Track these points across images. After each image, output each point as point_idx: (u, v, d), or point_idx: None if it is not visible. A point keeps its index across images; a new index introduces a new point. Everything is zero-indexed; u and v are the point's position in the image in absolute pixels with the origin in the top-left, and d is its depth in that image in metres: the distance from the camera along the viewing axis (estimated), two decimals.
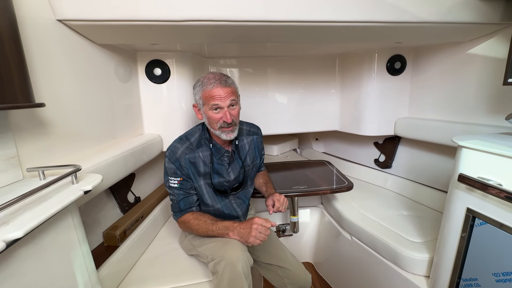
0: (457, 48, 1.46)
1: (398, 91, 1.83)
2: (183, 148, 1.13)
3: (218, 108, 1.06)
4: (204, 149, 1.16)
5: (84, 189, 0.75)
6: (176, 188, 1.13)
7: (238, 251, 0.99)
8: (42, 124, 0.89)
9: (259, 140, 1.35)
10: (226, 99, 1.05)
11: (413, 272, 1.17)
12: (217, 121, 1.07)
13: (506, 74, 0.96)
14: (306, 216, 1.89)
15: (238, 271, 0.95)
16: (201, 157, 1.14)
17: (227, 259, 0.97)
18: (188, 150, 1.13)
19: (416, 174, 1.79)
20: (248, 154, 1.28)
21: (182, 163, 1.11)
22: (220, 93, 1.04)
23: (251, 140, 1.29)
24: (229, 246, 1.02)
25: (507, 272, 0.77)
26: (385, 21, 1.09)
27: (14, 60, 0.71)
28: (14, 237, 0.52)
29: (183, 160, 1.11)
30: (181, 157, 1.11)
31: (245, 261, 0.99)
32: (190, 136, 1.18)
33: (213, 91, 1.04)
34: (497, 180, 0.78)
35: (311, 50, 1.86)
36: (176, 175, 1.12)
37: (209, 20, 1.01)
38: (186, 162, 1.12)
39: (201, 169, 1.15)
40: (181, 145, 1.14)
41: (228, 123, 1.07)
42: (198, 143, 1.16)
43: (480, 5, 1.11)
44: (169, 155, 1.12)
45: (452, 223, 0.93)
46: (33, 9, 0.87)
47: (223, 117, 1.06)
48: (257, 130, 1.35)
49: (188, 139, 1.16)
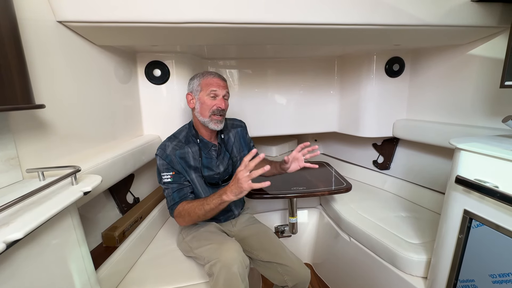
0: (455, 51, 1.47)
1: (397, 93, 1.84)
2: (173, 145, 1.18)
3: (215, 96, 1.16)
4: (192, 145, 1.22)
5: (84, 190, 0.75)
6: (169, 182, 1.15)
7: (234, 253, 1.00)
8: (42, 125, 0.90)
9: (244, 132, 1.42)
10: (223, 89, 1.18)
11: (411, 273, 1.17)
12: (210, 107, 1.15)
13: (503, 77, 0.97)
14: (304, 217, 1.90)
15: (234, 273, 0.96)
16: (190, 152, 1.20)
17: (222, 261, 0.98)
18: (177, 147, 1.18)
19: (414, 175, 1.80)
20: (234, 145, 1.34)
21: (173, 158, 1.15)
22: (219, 83, 1.17)
23: (236, 132, 1.37)
24: (224, 248, 1.03)
25: (504, 274, 0.78)
26: (384, 23, 1.10)
27: (15, 61, 0.71)
28: (14, 238, 0.52)
29: (173, 156, 1.16)
30: (171, 153, 1.16)
31: (241, 262, 1.00)
32: (178, 134, 1.24)
33: (213, 80, 1.16)
34: (493, 182, 0.79)
35: (311, 51, 1.86)
36: (168, 170, 1.16)
37: (209, 22, 1.01)
38: (177, 158, 1.16)
39: (192, 163, 1.20)
40: (171, 143, 1.19)
41: (221, 110, 1.16)
42: (186, 139, 1.22)
43: (477, 8, 1.12)
44: (160, 153, 1.16)
45: (450, 225, 0.94)
46: (34, 11, 0.88)
47: (217, 104, 1.15)
48: (240, 123, 1.43)
49: (176, 137, 1.22)
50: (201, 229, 1.23)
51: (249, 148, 1.42)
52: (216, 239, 1.13)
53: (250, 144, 1.44)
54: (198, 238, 1.18)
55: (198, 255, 1.14)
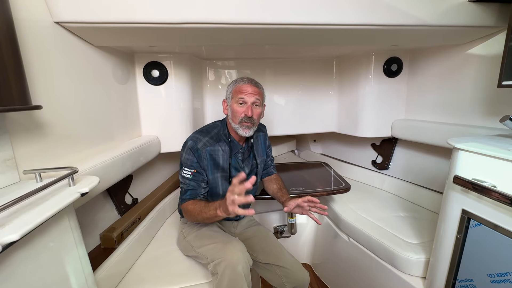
0: (453, 51, 1.47)
1: (395, 93, 1.84)
2: (205, 140, 1.17)
3: (243, 103, 1.16)
4: (223, 143, 1.21)
5: (81, 191, 0.75)
6: (188, 178, 1.16)
7: (239, 253, 1.01)
8: (39, 126, 0.89)
9: (266, 137, 1.43)
10: (252, 96, 1.16)
11: (409, 273, 1.17)
12: (239, 114, 1.15)
13: (501, 76, 0.97)
14: (303, 217, 1.89)
15: (239, 272, 0.96)
16: (220, 151, 1.19)
17: (227, 260, 0.98)
18: (209, 143, 1.17)
19: (413, 175, 1.80)
20: (257, 149, 1.34)
21: (202, 154, 1.15)
22: (248, 90, 1.16)
23: (258, 136, 1.37)
24: (229, 247, 1.03)
25: (502, 273, 0.78)
26: (382, 24, 1.10)
27: (11, 62, 0.71)
28: (10, 240, 0.52)
29: (204, 151, 1.15)
30: (203, 148, 1.15)
31: (245, 262, 1.00)
32: (210, 130, 1.23)
33: (243, 87, 1.16)
34: (491, 182, 0.79)
35: (309, 52, 1.86)
36: (191, 167, 1.15)
37: (207, 22, 1.01)
38: (207, 154, 1.16)
39: (220, 162, 1.19)
40: (203, 137, 1.18)
41: (248, 117, 1.15)
42: (218, 137, 1.21)
43: (475, 8, 1.12)
44: (191, 145, 1.15)
45: (448, 225, 0.94)
46: (31, 12, 0.88)
47: (245, 111, 1.15)
48: (262, 128, 1.44)
49: (209, 132, 1.21)
50: (204, 228, 1.22)
51: (267, 155, 1.44)
52: (220, 238, 1.13)
53: (268, 150, 1.44)
54: (201, 237, 1.17)
55: (200, 254, 1.13)
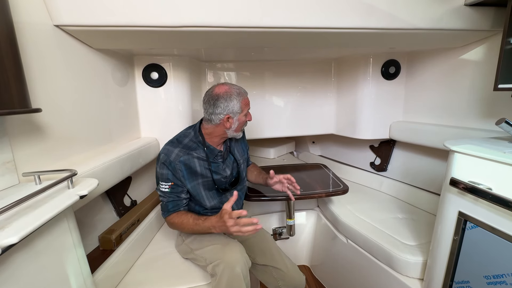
0: (450, 54, 1.49)
1: (393, 95, 1.85)
2: (177, 151, 1.12)
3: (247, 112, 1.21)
4: (198, 151, 1.16)
5: (80, 194, 0.76)
6: (166, 192, 1.13)
7: (237, 254, 1.01)
8: (39, 129, 0.90)
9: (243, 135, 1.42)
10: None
11: (407, 274, 1.18)
12: (243, 123, 1.20)
13: (497, 79, 0.98)
14: (302, 219, 1.90)
15: (237, 273, 0.97)
16: (196, 159, 1.15)
17: (226, 262, 0.99)
18: (182, 152, 1.12)
19: (411, 177, 1.81)
20: (237, 149, 1.34)
21: (176, 166, 1.11)
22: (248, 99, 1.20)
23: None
24: (228, 248, 1.04)
25: (498, 275, 0.79)
26: (379, 27, 1.11)
27: (11, 65, 0.72)
28: (10, 242, 0.52)
29: (177, 163, 1.11)
30: (175, 160, 1.10)
31: (244, 263, 1.01)
32: (181, 139, 1.17)
33: (247, 99, 1.19)
34: (487, 184, 0.79)
35: (308, 54, 1.87)
36: (167, 180, 1.12)
37: (206, 26, 1.02)
38: (181, 165, 1.11)
39: (198, 169, 1.15)
40: (174, 148, 1.13)
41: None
42: (191, 146, 1.16)
43: (471, 12, 1.13)
44: (163, 159, 1.11)
45: (445, 226, 0.95)
46: (31, 15, 0.88)
47: (249, 119, 1.22)
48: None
49: (180, 142, 1.16)
50: None
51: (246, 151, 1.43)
52: (219, 240, 1.13)
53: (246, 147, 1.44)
54: (200, 240, 1.18)
55: (198, 256, 1.14)
